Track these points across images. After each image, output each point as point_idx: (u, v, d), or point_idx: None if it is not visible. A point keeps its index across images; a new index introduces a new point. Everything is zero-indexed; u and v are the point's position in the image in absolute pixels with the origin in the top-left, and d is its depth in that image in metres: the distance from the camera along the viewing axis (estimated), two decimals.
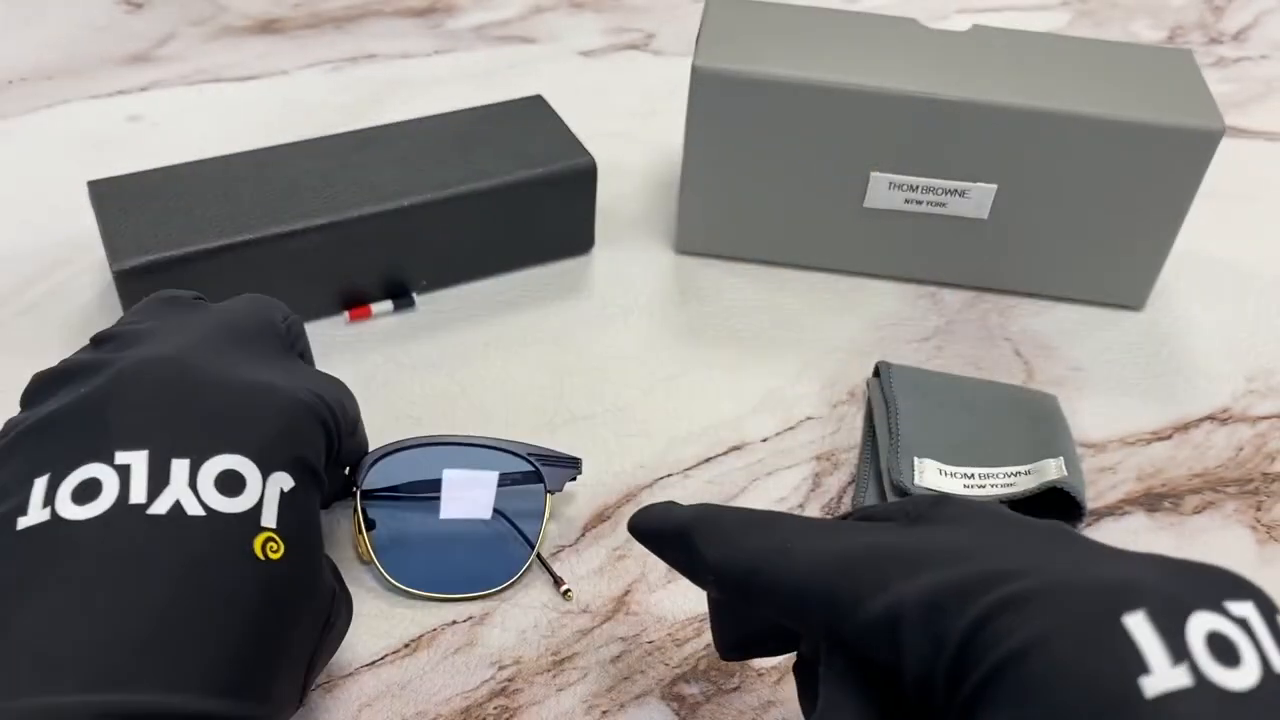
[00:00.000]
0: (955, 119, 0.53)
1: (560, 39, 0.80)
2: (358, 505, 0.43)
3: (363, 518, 0.43)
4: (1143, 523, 0.49)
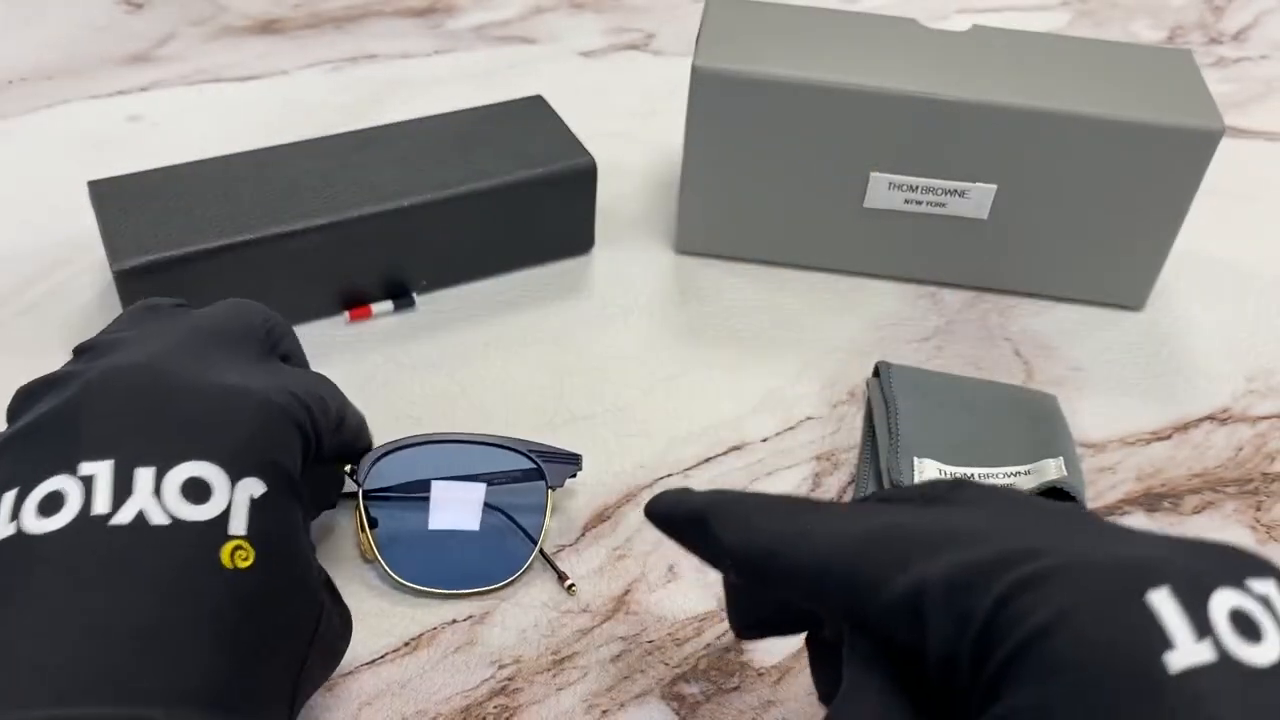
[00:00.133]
0: (955, 119, 0.53)
1: (560, 39, 0.80)
2: (360, 504, 0.43)
3: (365, 516, 0.43)
4: (1142, 523, 0.48)
